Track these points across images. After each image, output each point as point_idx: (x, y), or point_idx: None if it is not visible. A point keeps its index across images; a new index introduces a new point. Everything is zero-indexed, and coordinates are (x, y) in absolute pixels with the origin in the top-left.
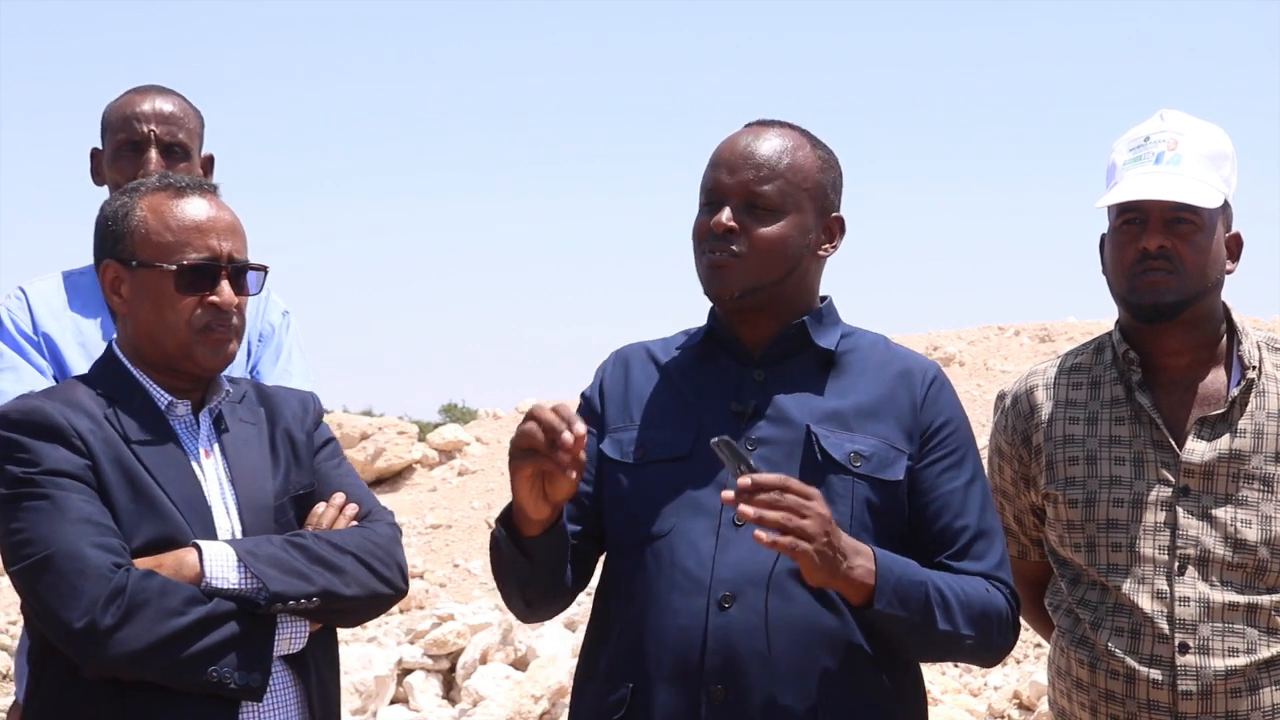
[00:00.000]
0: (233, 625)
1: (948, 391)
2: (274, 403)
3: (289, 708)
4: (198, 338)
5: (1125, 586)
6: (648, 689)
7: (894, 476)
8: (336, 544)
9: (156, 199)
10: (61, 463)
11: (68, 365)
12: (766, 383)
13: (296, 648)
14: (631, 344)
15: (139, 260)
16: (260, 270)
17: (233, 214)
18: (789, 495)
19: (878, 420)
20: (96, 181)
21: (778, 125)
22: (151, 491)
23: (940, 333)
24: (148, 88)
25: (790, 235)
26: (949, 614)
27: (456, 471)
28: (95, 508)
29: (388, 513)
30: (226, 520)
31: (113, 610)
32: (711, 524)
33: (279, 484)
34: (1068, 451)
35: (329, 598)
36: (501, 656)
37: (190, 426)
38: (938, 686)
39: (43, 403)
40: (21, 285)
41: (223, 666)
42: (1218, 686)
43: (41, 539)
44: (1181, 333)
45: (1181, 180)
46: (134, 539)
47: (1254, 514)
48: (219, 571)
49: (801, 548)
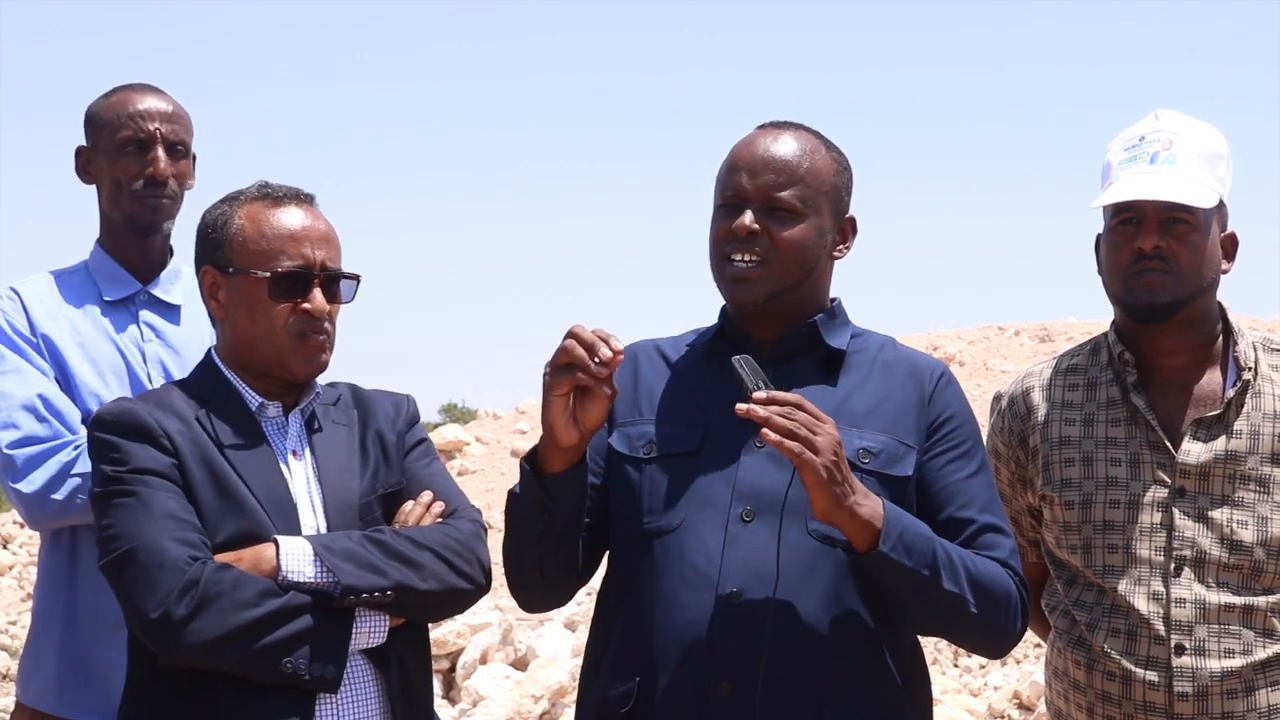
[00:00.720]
0: (307, 618)
1: (955, 388)
2: (368, 405)
3: (369, 701)
4: (294, 344)
5: (1121, 588)
6: (655, 683)
7: (903, 472)
8: (415, 539)
9: (255, 208)
10: (149, 461)
11: (68, 366)
12: (775, 380)
13: (376, 642)
14: (641, 340)
15: (235, 267)
16: (353, 279)
17: (327, 223)
18: (802, 413)
19: (886, 417)
20: (84, 180)
21: (792, 127)
22: (237, 489)
23: (940, 333)
24: (141, 86)
25: (810, 238)
26: (955, 576)
27: (456, 471)
28: (179, 504)
29: (474, 510)
30: (313, 518)
31: (186, 601)
32: (720, 520)
33: (366, 483)
34: (1064, 453)
35: (404, 592)
36: (501, 656)
37: (281, 427)
38: (938, 686)
39: (135, 405)
40: (13, 286)
41: (297, 658)
42: (1214, 688)
43: (127, 534)
44: (1177, 333)
45: (1176, 180)
46: (218, 535)
47: (1250, 515)
48: (295, 565)
49: (808, 457)
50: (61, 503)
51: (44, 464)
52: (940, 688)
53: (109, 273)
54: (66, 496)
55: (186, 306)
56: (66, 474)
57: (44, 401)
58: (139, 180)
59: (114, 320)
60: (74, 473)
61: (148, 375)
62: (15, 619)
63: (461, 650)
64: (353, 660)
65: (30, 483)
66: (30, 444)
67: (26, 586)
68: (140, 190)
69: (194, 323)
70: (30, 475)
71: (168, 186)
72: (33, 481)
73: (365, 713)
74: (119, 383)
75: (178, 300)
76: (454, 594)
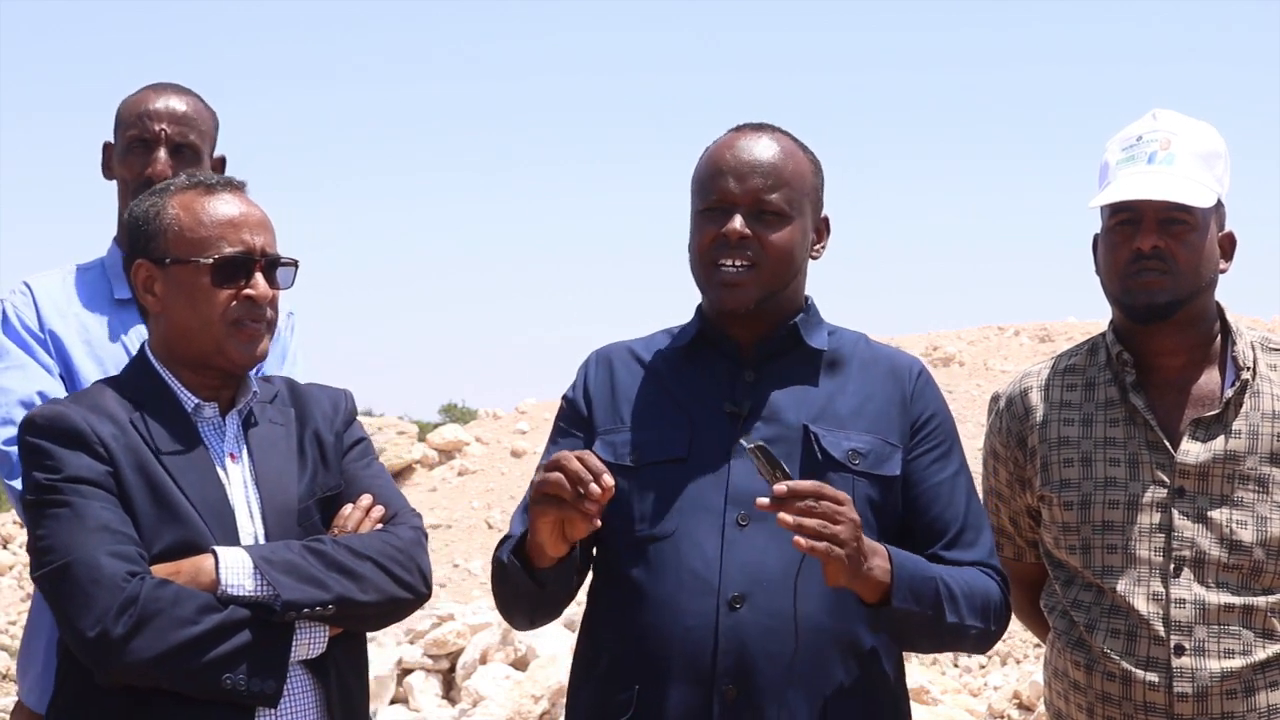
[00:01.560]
0: (246, 633)
1: (933, 386)
2: (305, 402)
3: (308, 712)
4: (230, 331)
5: (1121, 588)
6: (657, 690)
7: (891, 472)
8: (355, 549)
9: (187, 197)
10: (83, 470)
11: (73, 363)
12: (758, 383)
13: (315, 653)
14: (611, 344)
15: (172, 257)
16: (292, 265)
17: (262, 210)
18: (824, 502)
19: (870, 417)
20: (106, 175)
21: (769, 129)
22: (173, 497)
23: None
24: (164, 85)
25: (797, 240)
26: (956, 607)
27: (456, 471)
28: (114, 514)
29: (415, 515)
30: (250, 524)
31: (124, 620)
32: (715, 524)
33: (304, 487)
34: (1062, 453)
35: (345, 604)
36: (501, 656)
37: (218, 429)
38: (938, 686)
39: (68, 408)
40: (27, 280)
41: (237, 674)
42: (1214, 688)
43: (61, 546)
44: (1176, 333)
45: (1174, 180)
46: (154, 545)
47: (1249, 515)
48: (234, 579)
49: (835, 553)
50: None
51: None
52: (940, 688)
53: (120, 270)
54: None
55: None
56: None
57: (44, 399)
58: (139, 180)
59: (122, 318)
60: None
61: None
62: (15, 619)
63: (461, 650)
64: (291, 671)
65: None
66: None
67: (27, 586)
68: (138, 189)
69: None
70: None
71: None
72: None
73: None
74: None
75: None
76: (395, 604)
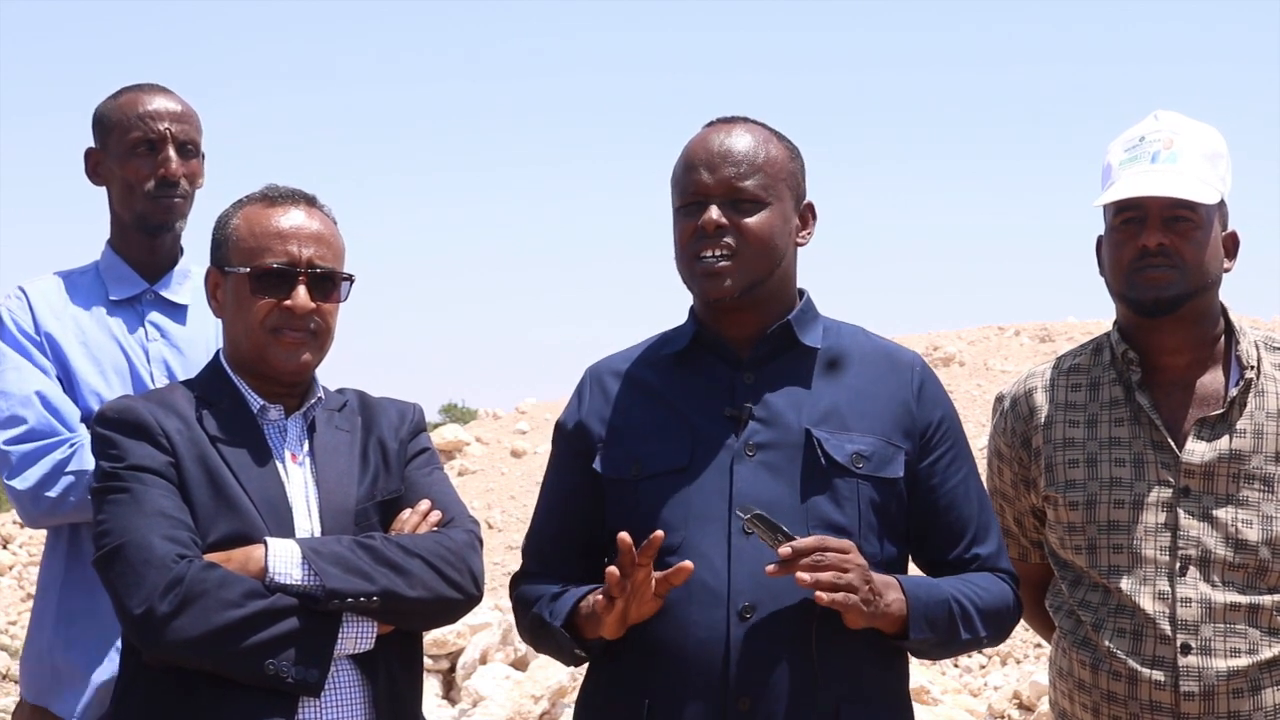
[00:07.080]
0: (293, 620)
1: (936, 382)
2: (372, 412)
3: (353, 706)
4: (270, 339)
5: (1127, 588)
6: (669, 703)
7: (894, 474)
8: (406, 546)
9: (253, 209)
10: (145, 459)
11: (71, 364)
12: (756, 385)
13: (364, 648)
14: (598, 362)
15: (229, 265)
16: (344, 279)
17: (325, 222)
18: (829, 554)
19: (872, 417)
20: (94, 181)
21: (742, 121)
22: (231, 489)
23: (940, 333)
24: (150, 86)
25: (776, 224)
26: (970, 624)
27: (456, 471)
28: (172, 502)
29: (472, 521)
30: (307, 521)
31: (170, 599)
32: (721, 534)
33: (364, 489)
34: (1067, 454)
35: (391, 598)
36: (501, 656)
37: (282, 430)
38: (938, 686)
39: (136, 403)
40: (21, 285)
41: (280, 660)
42: (1220, 687)
43: (118, 529)
44: (1181, 330)
45: (1179, 177)
46: (210, 534)
47: (1255, 514)
48: (282, 567)
49: (851, 601)
50: (54, 500)
51: (39, 461)
52: (940, 688)
53: (117, 272)
54: (59, 494)
55: (193, 306)
56: (60, 471)
57: (42, 399)
58: (151, 181)
59: (119, 319)
60: (68, 470)
61: (150, 375)
62: (15, 619)
63: (461, 650)
64: (340, 665)
65: (25, 479)
66: (26, 441)
67: (27, 586)
68: (153, 191)
69: (199, 322)
70: (25, 472)
71: (180, 186)
72: (27, 478)
73: (349, 717)
74: (121, 382)
75: (185, 300)
76: (443, 603)
